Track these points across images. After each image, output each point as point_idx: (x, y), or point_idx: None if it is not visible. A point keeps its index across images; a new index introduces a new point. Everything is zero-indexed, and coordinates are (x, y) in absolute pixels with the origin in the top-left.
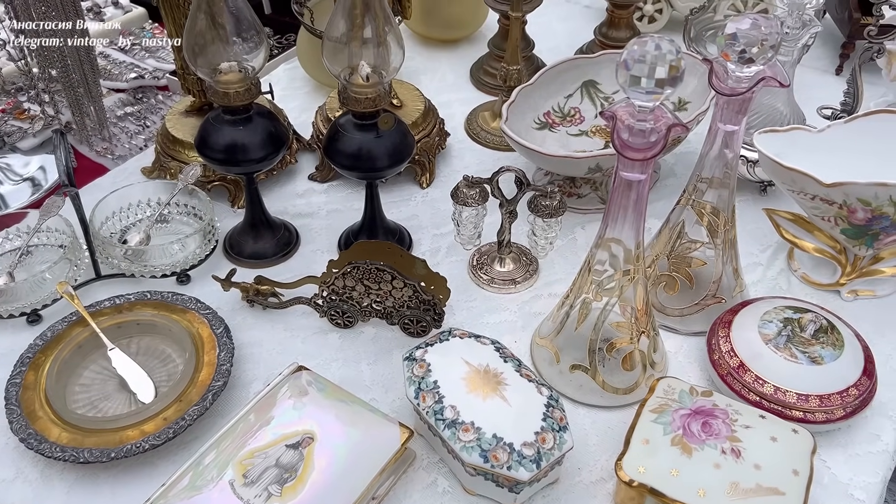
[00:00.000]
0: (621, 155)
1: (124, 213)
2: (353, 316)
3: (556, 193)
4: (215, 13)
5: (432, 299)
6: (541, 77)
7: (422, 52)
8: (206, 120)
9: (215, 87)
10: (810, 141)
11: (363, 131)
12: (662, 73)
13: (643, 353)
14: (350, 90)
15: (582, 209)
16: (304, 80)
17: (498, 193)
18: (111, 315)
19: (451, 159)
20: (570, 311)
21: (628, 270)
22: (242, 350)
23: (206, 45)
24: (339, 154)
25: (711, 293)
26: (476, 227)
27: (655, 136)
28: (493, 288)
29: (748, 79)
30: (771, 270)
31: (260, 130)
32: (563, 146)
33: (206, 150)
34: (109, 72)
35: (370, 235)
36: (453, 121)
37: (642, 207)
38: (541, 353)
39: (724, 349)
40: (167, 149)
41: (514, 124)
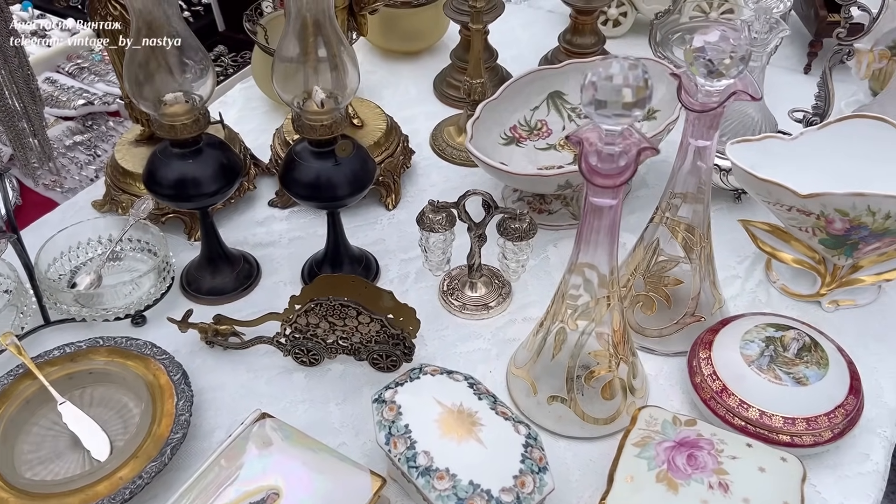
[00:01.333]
0: (590, 182)
1: (73, 252)
2: (318, 354)
3: (526, 216)
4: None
5: (401, 333)
6: (505, 90)
7: (382, 66)
8: (154, 154)
9: (160, 120)
10: (784, 149)
11: (320, 159)
12: (629, 97)
13: (623, 381)
14: (304, 118)
15: (553, 225)
16: (261, 99)
17: (465, 217)
18: (61, 365)
19: (417, 178)
20: (545, 340)
21: (604, 296)
22: (203, 395)
23: (149, 77)
24: (296, 184)
25: (690, 311)
26: (444, 253)
27: (625, 159)
28: (465, 314)
29: (719, 93)
30: (749, 282)
31: (211, 162)
32: (532, 161)
33: (155, 185)
34: (56, 98)
35: (334, 265)
36: (418, 136)
37: (615, 232)
38: (517, 383)
39: (705, 372)
40: (117, 181)
41: (479, 141)
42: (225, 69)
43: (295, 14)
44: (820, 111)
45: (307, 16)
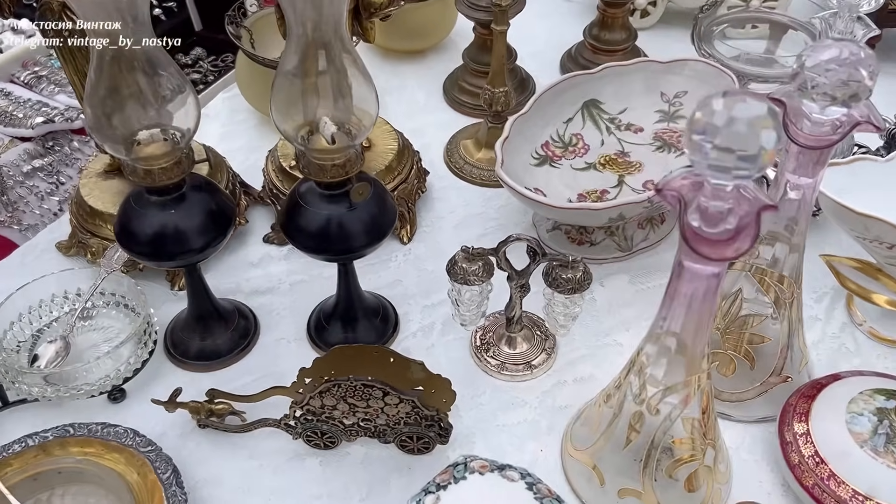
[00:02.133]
0: (693, 251)
1: (34, 312)
2: (335, 437)
3: (580, 263)
4: (124, 69)
5: (437, 413)
6: (535, 103)
7: (384, 68)
8: (127, 201)
9: (134, 165)
10: (877, 172)
11: (331, 203)
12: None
13: (709, 468)
14: (311, 156)
15: (597, 259)
16: (248, 111)
17: (506, 266)
18: (23, 463)
19: (432, 202)
20: (615, 421)
21: (693, 376)
22: (198, 492)
23: (118, 109)
24: (301, 233)
25: (776, 371)
26: (480, 307)
27: (735, 220)
28: (504, 375)
29: (832, 123)
30: (831, 326)
31: (197, 211)
32: (569, 186)
33: (129, 242)
34: (11, 115)
35: (346, 319)
36: (430, 152)
37: (714, 301)
38: (577, 468)
39: (805, 452)
40: (84, 223)
41: (509, 164)
42: (204, 76)
43: (296, 30)
44: None
45: (311, 32)
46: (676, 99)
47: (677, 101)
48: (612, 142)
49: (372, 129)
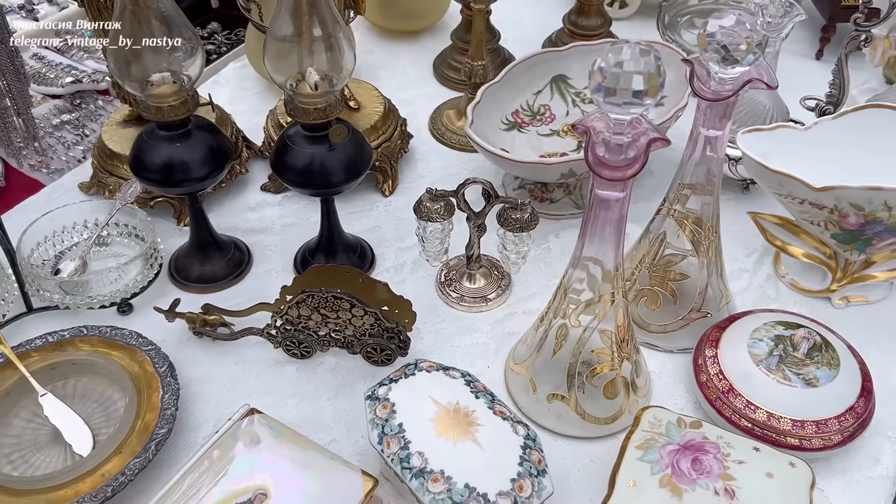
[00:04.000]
0: (597, 174)
1: (58, 236)
2: (310, 346)
3: (528, 206)
4: (142, 20)
5: (396, 326)
6: (507, 74)
7: (380, 46)
8: (140, 136)
9: (147, 101)
10: (797, 139)
11: (314, 144)
12: (640, 85)
13: (626, 379)
14: (297, 101)
15: (555, 215)
16: (255, 79)
17: (464, 206)
18: (43, 355)
19: (415, 163)
20: (546, 336)
21: (608, 292)
22: (190, 388)
23: (136, 56)
24: (288, 170)
25: (696, 307)
26: (442, 243)
27: (634, 150)
28: (462, 306)
29: (733, 81)
30: (757, 277)
31: (200, 146)
32: (534, 148)
33: (142, 169)
34: (44, 76)
35: (328, 253)
36: (416, 119)
37: (622, 226)
38: (516, 380)
39: (711, 371)
40: (104, 164)
41: (480, 126)
42: (218, 47)
43: None
44: (834, 100)
45: None
46: None
47: None
48: (576, 113)
49: (348, 79)
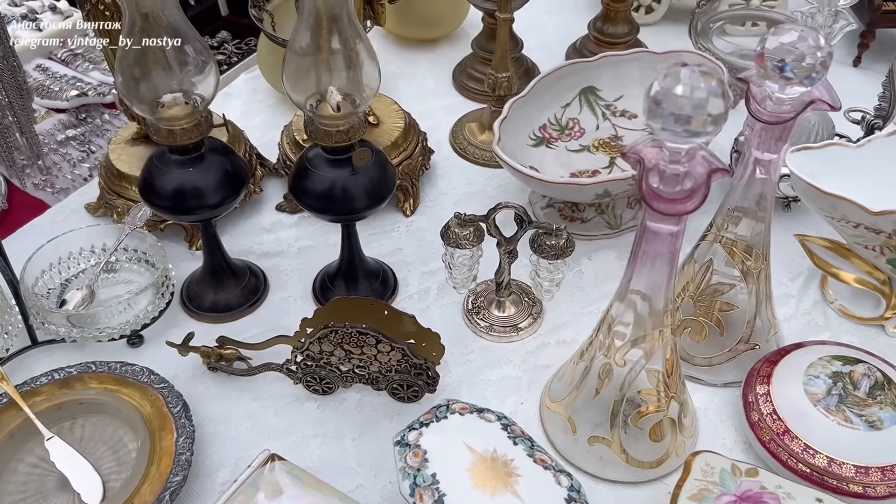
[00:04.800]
0: (651, 208)
1: (63, 263)
2: (332, 382)
3: (563, 231)
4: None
5: (425, 362)
6: (535, 87)
7: (397, 55)
8: (150, 160)
9: (158, 124)
10: (849, 157)
11: (336, 167)
12: (706, 112)
13: (673, 420)
14: (318, 122)
15: (587, 235)
16: (268, 91)
17: (495, 232)
18: (49, 394)
19: (436, 180)
20: (586, 373)
21: (657, 330)
22: (206, 428)
23: (145, 75)
24: (308, 195)
25: (744, 338)
26: (471, 270)
27: (692, 181)
28: (492, 336)
29: (793, 101)
30: (804, 303)
31: (214, 170)
32: (564, 165)
33: (152, 196)
34: (48, 88)
35: (348, 280)
36: (437, 133)
37: (675, 261)
38: (553, 419)
39: (764, 410)
40: (112, 185)
41: (507, 143)
42: (228, 57)
43: (309, 7)
44: (884, 113)
45: (322, 8)
46: None
47: None
48: (606, 127)
49: (373, 98)
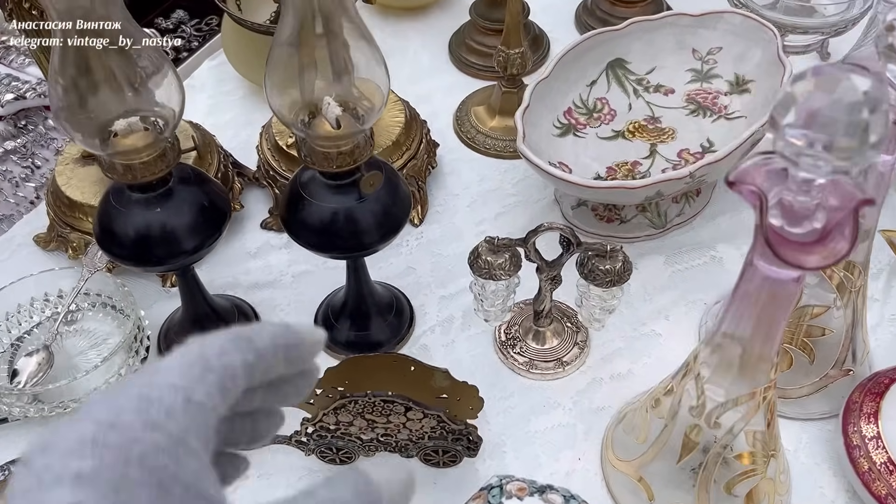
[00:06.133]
0: (777, 255)
1: (13, 319)
2: (351, 452)
3: (619, 252)
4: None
5: (465, 427)
6: (556, 65)
7: (382, 27)
8: (106, 199)
9: (111, 161)
10: None
11: (338, 194)
12: (874, 133)
13: (771, 480)
14: (314, 144)
15: (628, 238)
16: (237, 80)
17: (535, 257)
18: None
19: (444, 178)
20: (665, 432)
21: (760, 387)
22: None
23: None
24: (305, 230)
25: (838, 364)
26: (505, 302)
27: (822, 218)
28: (534, 374)
29: None
30: (889, 306)
31: (187, 207)
32: (597, 158)
33: (112, 245)
34: None
35: (356, 316)
36: (438, 121)
37: (790, 308)
38: (621, 480)
39: (876, 458)
40: (62, 215)
41: (531, 137)
42: (188, 42)
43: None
44: None
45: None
46: (710, 56)
47: (710, 59)
48: (640, 106)
49: (384, 109)
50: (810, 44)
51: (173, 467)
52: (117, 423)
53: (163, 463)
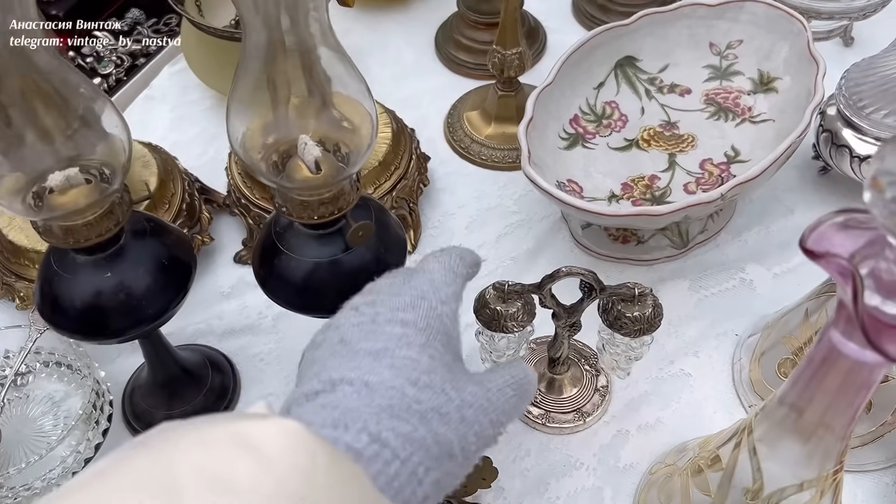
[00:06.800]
0: (871, 342)
1: None
2: None
3: (649, 297)
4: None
5: None
6: (561, 69)
7: (361, 21)
8: (47, 262)
9: (49, 224)
10: None
11: (321, 245)
12: None
13: None
14: (289, 193)
15: (646, 261)
16: (202, 88)
17: (551, 303)
18: None
19: (437, 196)
20: None
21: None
22: None
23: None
24: (283, 285)
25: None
26: (517, 352)
27: None
28: (551, 428)
29: None
30: None
31: (144, 267)
32: (610, 173)
33: (58, 317)
34: None
35: None
36: (427, 128)
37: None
38: None
39: None
40: (6, 262)
41: (537, 152)
42: (145, 47)
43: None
44: None
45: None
46: (729, 51)
47: (730, 54)
48: (653, 109)
49: (373, 146)
50: (833, 29)
51: (452, 330)
52: (425, 296)
53: (448, 325)
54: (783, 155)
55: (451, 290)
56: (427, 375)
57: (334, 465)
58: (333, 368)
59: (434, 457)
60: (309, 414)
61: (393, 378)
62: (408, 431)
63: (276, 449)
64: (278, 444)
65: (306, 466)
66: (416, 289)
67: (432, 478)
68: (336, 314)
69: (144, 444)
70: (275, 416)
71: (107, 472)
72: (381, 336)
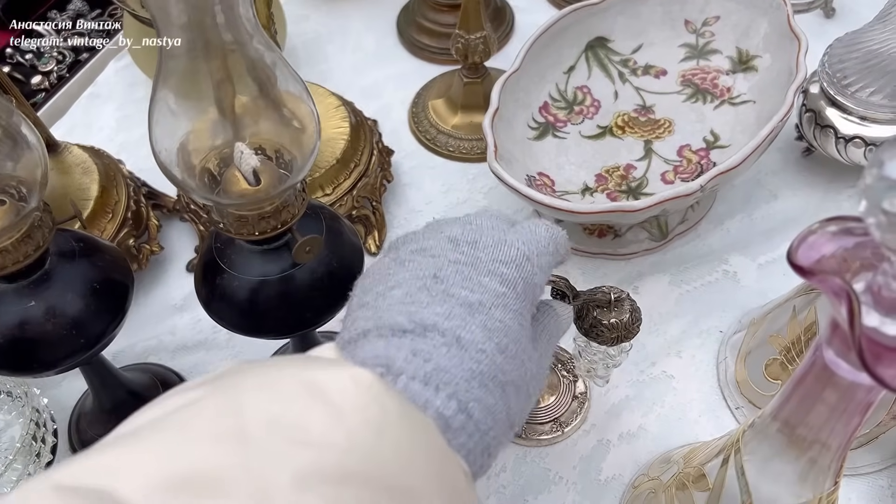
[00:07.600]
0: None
1: None
2: None
3: (625, 301)
4: None
5: None
6: (527, 54)
7: (318, 6)
8: None
9: None
10: None
11: (266, 261)
12: None
13: None
14: (225, 208)
15: (624, 255)
16: (149, 85)
17: None
18: None
19: (402, 191)
20: None
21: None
22: None
23: None
24: (226, 308)
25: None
26: None
27: None
28: (528, 441)
29: None
30: None
31: (73, 293)
32: (583, 164)
33: None
34: None
35: None
36: (390, 119)
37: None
38: None
39: None
40: None
41: (504, 145)
42: (88, 39)
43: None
44: None
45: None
46: (706, 28)
47: (707, 31)
48: (627, 93)
49: (317, 151)
50: (813, 0)
51: (539, 292)
52: (530, 258)
53: (538, 297)
54: (765, 141)
55: (546, 261)
56: (515, 344)
57: (404, 420)
58: (424, 307)
59: (504, 430)
60: (395, 351)
61: (485, 340)
62: (491, 404)
63: (349, 400)
64: (350, 395)
65: (378, 420)
66: (521, 245)
67: (498, 451)
68: (426, 235)
69: (213, 384)
70: (346, 364)
71: (175, 417)
72: (478, 287)
